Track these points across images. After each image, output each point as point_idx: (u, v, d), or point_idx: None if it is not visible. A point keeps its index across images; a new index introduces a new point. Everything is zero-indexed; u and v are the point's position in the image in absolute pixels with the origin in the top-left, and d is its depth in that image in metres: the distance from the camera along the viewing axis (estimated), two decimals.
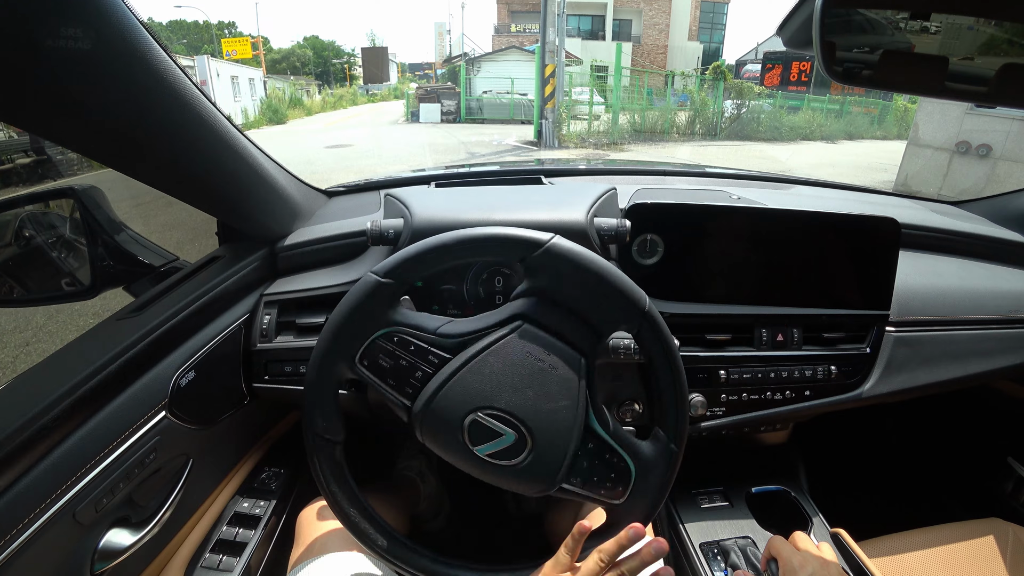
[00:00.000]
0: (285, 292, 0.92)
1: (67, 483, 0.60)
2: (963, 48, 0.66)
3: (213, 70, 18.97)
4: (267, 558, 0.90)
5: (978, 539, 0.97)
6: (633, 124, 13.49)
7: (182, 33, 51.56)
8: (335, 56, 57.74)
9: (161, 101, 0.61)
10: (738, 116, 14.76)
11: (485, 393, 0.59)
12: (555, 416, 0.59)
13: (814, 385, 0.94)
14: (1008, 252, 1.19)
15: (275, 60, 49.94)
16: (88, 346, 0.70)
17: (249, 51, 25.11)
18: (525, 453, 0.59)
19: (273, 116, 22.83)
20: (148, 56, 0.58)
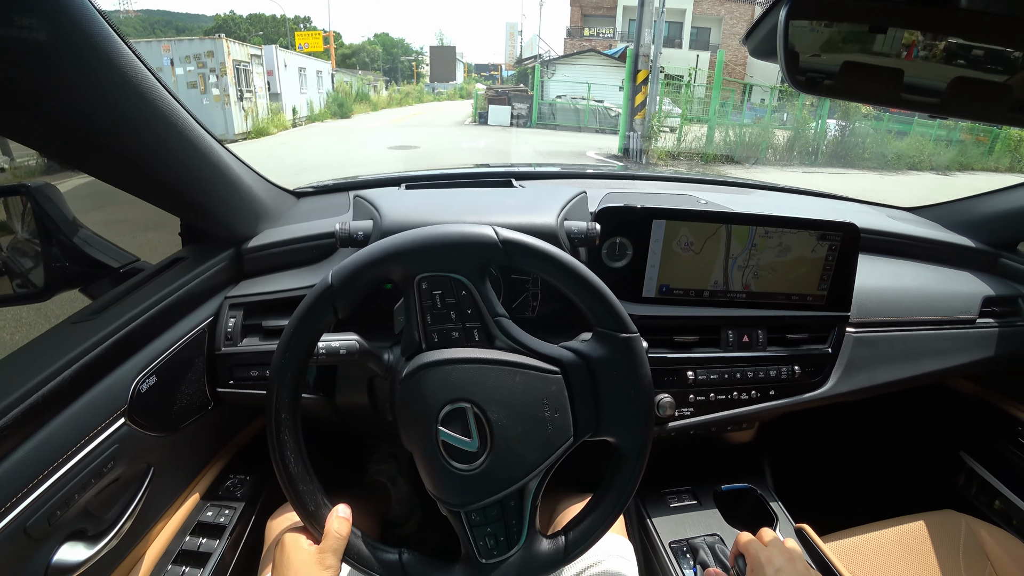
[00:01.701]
0: (251, 294, 0.90)
1: (17, 496, 0.57)
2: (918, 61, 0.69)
3: (281, 61, 18.41)
4: (233, 568, 0.88)
5: (933, 531, 1.01)
6: (728, 142, 11.72)
7: (260, 26, 51.93)
8: (403, 54, 57.48)
9: (121, 96, 0.59)
10: (842, 139, 12.66)
11: (488, 397, 0.58)
12: (516, 460, 0.59)
13: (779, 385, 0.97)
14: (960, 256, 1.24)
15: (345, 55, 49.61)
16: (41, 351, 0.67)
17: (321, 45, 24.83)
18: (468, 465, 0.58)
19: (338, 110, 22.34)
20: (108, 49, 0.56)
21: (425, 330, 0.59)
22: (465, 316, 0.59)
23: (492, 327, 0.59)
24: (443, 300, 0.58)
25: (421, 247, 0.58)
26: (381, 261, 0.58)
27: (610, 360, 0.60)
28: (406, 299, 0.59)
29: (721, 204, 1.02)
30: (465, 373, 0.58)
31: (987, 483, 1.30)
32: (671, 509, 1.04)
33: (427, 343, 0.59)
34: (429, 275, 0.58)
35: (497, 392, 0.58)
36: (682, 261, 0.91)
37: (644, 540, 1.01)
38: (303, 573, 0.57)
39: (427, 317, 0.59)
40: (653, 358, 0.92)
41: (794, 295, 0.95)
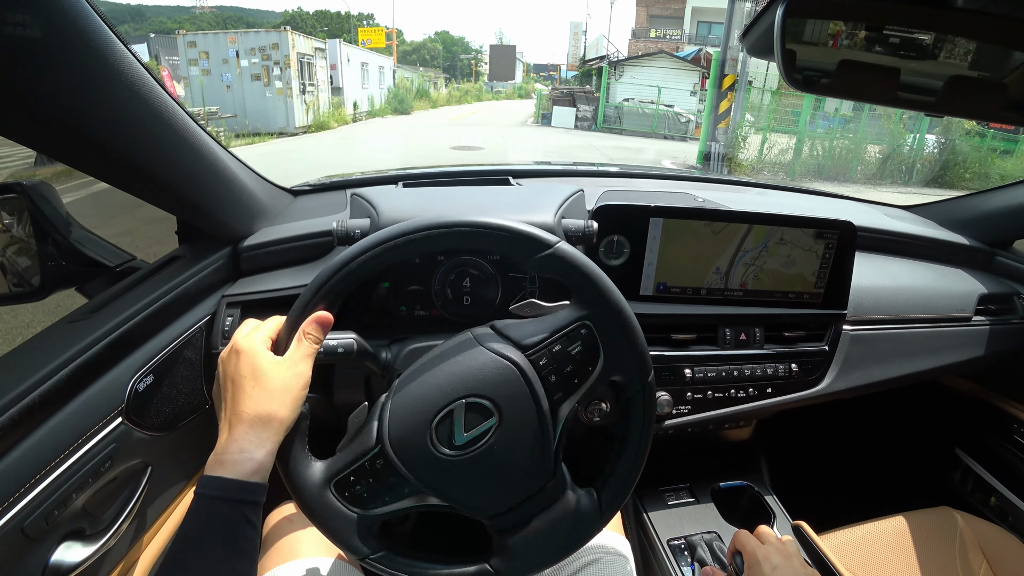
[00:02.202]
0: (248, 293, 0.90)
1: (14, 496, 0.57)
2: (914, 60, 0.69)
3: (344, 55, 18.32)
4: None
5: (929, 527, 1.01)
6: (815, 156, 10.46)
7: (325, 22, 53.05)
8: (463, 52, 57.79)
9: (117, 94, 0.59)
10: (939, 157, 10.95)
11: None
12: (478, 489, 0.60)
13: (776, 382, 0.97)
14: (956, 254, 1.25)
15: (406, 52, 50.23)
16: (38, 350, 0.66)
17: (383, 41, 25.00)
18: (439, 450, 0.58)
19: (399, 106, 22.22)
20: (103, 46, 0.55)
21: (543, 349, 0.60)
22: (568, 380, 0.60)
23: (566, 408, 0.61)
24: (576, 355, 0.60)
25: (631, 334, 0.61)
26: (601, 291, 0.60)
27: (575, 514, 0.61)
28: (559, 316, 0.61)
29: (718, 202, 1.03)
30: (521, 399, 0.58)
31: (983, 480, 1.31)
32: (669, 507, 1.04)
33: (533, 355, 0.60)
34: (597, 338, 0.61)
35: (517, 438, 0.59)
36: (680, 259, 0.92)
37: (642, 538, 1.01)
38: (271, 375, 0.54)
39: (555, 347, 0.60)
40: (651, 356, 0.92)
41: (791, 293, 0.95)
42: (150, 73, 0.64)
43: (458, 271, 0.89)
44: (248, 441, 0.51)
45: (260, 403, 0.52)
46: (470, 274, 0.89)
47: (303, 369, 0.55)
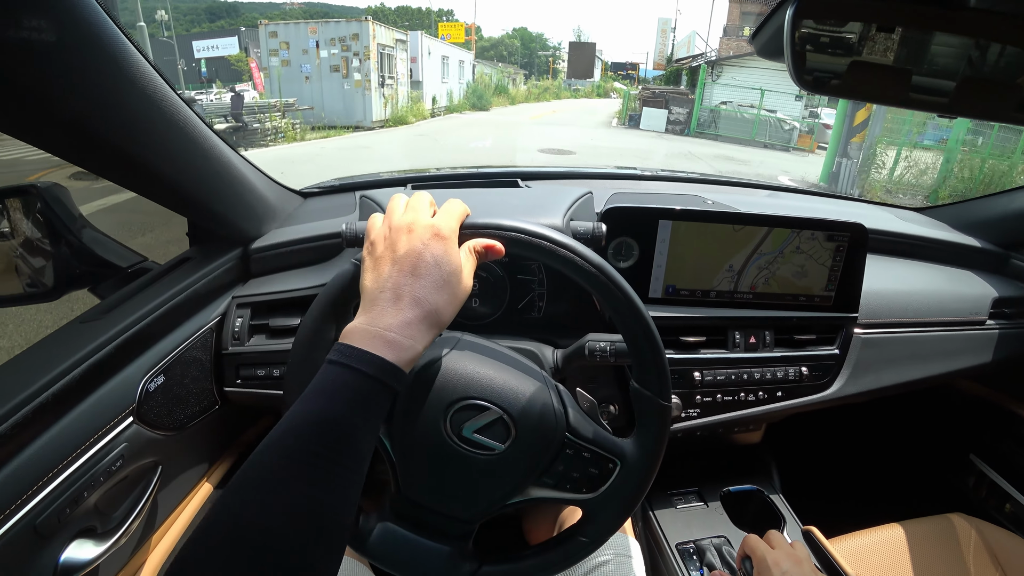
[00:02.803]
0: (258, 294, 0.90)
1: (28, 493, 0.57)
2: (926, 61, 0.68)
3: (425, 47, 18.01)
4: None
5: (942, 534, 1.00)
6: (962, 179, 8.01)
7: (406, 17, 53.91)
8: (541, 49, 57.78)
9: (129, 97, 0.60)
10: None
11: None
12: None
13: (786, 386, 0.97)
14: (969, 256, 1.24)
15: (484, 48, 50.88)
16: (51, 350, 0.67)
17: (463, 36, 25.05)
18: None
19: (477, 102, 21.87)
20: (115, 50, 0.56)
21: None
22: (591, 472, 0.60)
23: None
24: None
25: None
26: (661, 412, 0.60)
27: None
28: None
29: (728, 204, 1.02)
30: (544, 436, 0.58)
31: (997, 486, 1.29)
32: (678, 510, 1.04)
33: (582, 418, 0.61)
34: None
35: (517, 467, 0.58)
36: (689, 262, 0.91)
37: (650, 541, 1.01)
38: (460, 280, 0.50)
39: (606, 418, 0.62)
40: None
41: (801, 296, 0.94)
42: (162, 77, 0.64)
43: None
44: (419, 329, 0.46)
45: (443, 299, 0.48)
46: (479, 276, 0.89)
47: (471, 283, 0.52)
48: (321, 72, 14.52)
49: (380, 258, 0.50)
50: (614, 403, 0.92)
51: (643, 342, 0.58)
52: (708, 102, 16.30)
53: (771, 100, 14.95)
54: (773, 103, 15.13)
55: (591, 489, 0.60)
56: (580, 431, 0.59)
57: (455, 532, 0.60)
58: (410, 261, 0.48)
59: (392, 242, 0.50)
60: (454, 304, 0.49)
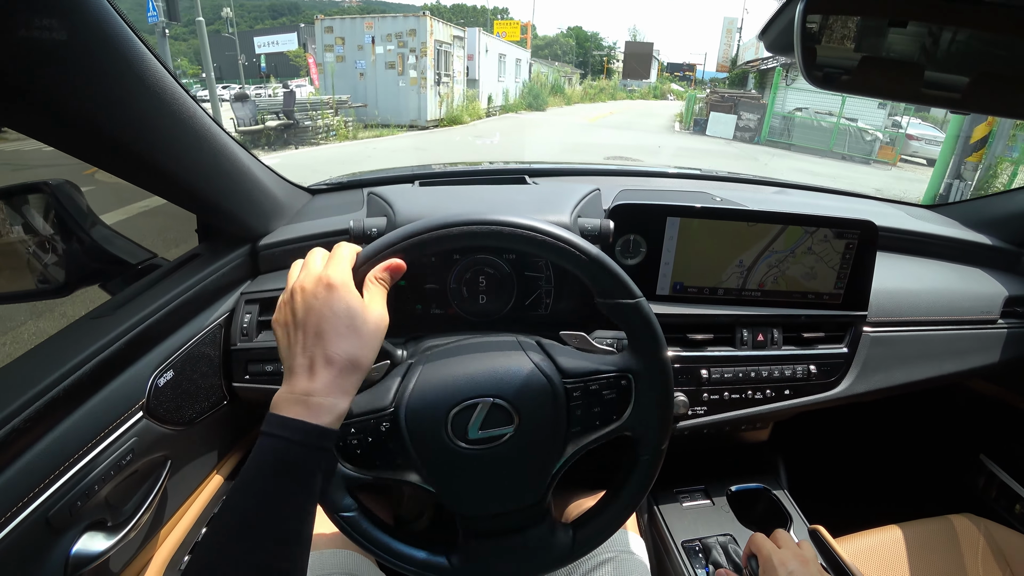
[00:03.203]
0: (266, 290, 0.91)
1: (40, 486, 0.58)
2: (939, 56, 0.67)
3: (483, 45, 17.49)
4: None
5: (951, 534, 0.99)
6: None
7: (461, 15, 54.37)
8: (595, 48, 57.40)
9: (139, 95, 0.60)
10: None
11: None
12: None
13: (793, 384, 0.96)
14: (981, 254, 1.22)
15: (538, 46, 50.71)
16: (62, 345, 0.68)
17: (518, 34, 24.82)
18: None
19: (533, 101, 21.28)
20: (125, 48, 0.56)
21: (584, 385, 0.61)
22: (593, 423, 0.61)
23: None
24: (607, 402, 0.61)
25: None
26: (659, 366, 0.61)
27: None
28: (609, 362, 0.61)
29: (736, 201, 1.01)
30: (541, 413, 0.59)
31: (1007, 487, 1.27)
32: (683, 509, 1.03)
33: (571, 388, 0.60)
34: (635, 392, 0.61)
35: (522, 458, 0.60)
36: (697, 259, 0.91)
37: (656, 539, 1.01)
38: (367, 318, 0.51)
39: (592, 386, 0.61)
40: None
41: (810, 294, 0.94)
42: (171, 74, 0.65)
43: (474, 270, 0.89)
44: (337, 387, 0.48)
45: (352, 347, 0.49)
46: (486, 272, 0.89)
47: (385, 313, 0.53)
48: (376, 69, 14.23)
49: (286, 325, 0.52)
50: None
51: (583, 262, 0.58)
52: (780, 108, 14.91)
53: (852, 107, 13.51)
54: (854, 111, 13.64)
55: (620, 412, 0.61)
56: (576, 370, 0.60)
57: (534, 518, 0.62)
58: (311, 321, 0.49)
59: (292, 306, 0.51)
60: (369, 344, 0.50)
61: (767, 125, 14.44)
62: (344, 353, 0.48)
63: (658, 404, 0.61)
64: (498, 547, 0.62)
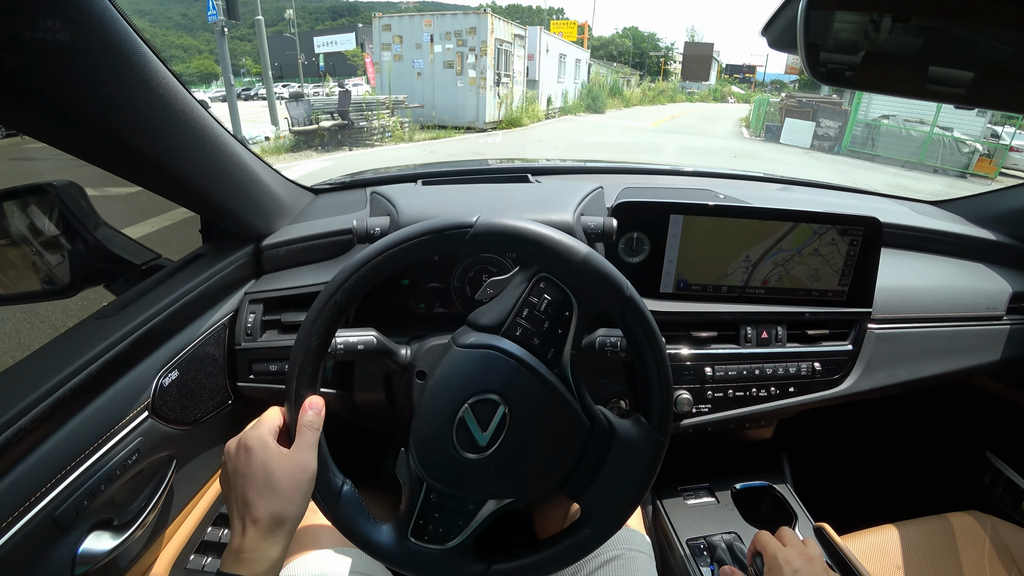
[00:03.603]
0: (270, 290, 0.91)
1: (47, 486, 0.58)
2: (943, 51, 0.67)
3: (543, 44, 16.70)
4: None
5: (958, 532, 0.99)
6: None
7: (516, 15, 53.96)
8: (652, 49, 56.40)
9: (141, 96, 0.60)
10: None
11: (524, 412, 0.58)
12: (506, 478, 0.59)
13: (798, 381, 0.96)
14: (987, 251, 1.21)
15: (593, 47, 50.09)
16: (68, 345, 0.68)
17: (575, 35, 24.31)
18: (463, 454, 0.58)
19: (592, 103, 20.44)
20: (128, 49, 0.57)
21: (513, 319, 0.59)
22: (553, 333, 0.59)
23: (566, 357, 0.59)
24: (546, 308, 0.58)
25: (580, 263, 0.57)
26: (532, 242, 0.58)
27: (632, 446, 0.60)
28: (515, 284, 0.60)
29: (740, 198, 1.01)
30: (517, 375, 0.58)
31: (1013, 484, 1.27)
32: (688, 506, 1.03)
33: (506, 330, 0.59)
34: (556, 282, 0.59)
35: (533, 410, 0.58)
36: (700, 256, 0.91)
37: (661, 537, 1.00)
38: (281, 474, 0.55)
39: (523, 311, 0.59)
40: (671, 354, 0.91)
41: (814, 291, 0.93)
42: (174, 75, 0.65)
43: (476, 268, 0.89)
44: (264, 541, 0.53)
45: (272, 504, 0.53)
46: (489, 271, 0.89)
47: (307, 460, 0.57)
48: (434, 68, 13.75)
49: (224, 490, 0.58)
50: (624, 398, 0.92)
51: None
52: (864, 115, 13.56)
53: (947, 116, 12.12)
54: (948, 119, 12.26)
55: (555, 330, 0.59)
56: (503, 314, 0.59)
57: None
58: (237, 484, 0.55)
59: (224, 472, 0.58)
60: (290, 498, 0.54)
61: (849, 133, 13.02)
62: (266, 511, 0.53)
63: (585, 270, 0.59)
64: (607, 484, 0.61)
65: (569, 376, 0.60)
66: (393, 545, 0.61)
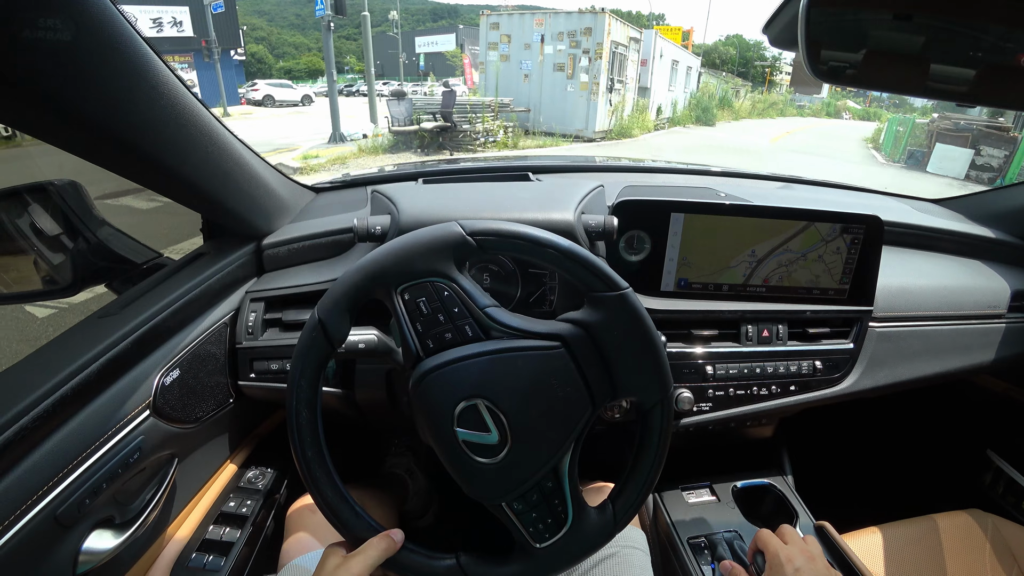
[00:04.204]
0: (271, 288, 0.91)
1: (48, 484, 0.59)
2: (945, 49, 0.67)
3: (658, 49, 15.45)
4: (254, 557, 0.89)
5: (959, 530, 0.99)
6: None
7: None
8: (758, 59, 55.50)
9: (143, 95, 0.60)
10: None
11: (496, 388, 0.58)
12: (539, 442, 0.59)
13: (799, 380, 0.96)
14: (986, 249, 1.21)
15: (695, 54, 50.64)
16: (70, 344, 0.68)
17: (679, 40, 23.05)
18: (494, 459, 0.58)
19: (701, 115, 19.16)
20: (129, 48, 0.57)
21: (419, 338, 0.59)
22: (453, 315, 0.59)
23: (483, 319, 0.59)
24: (428, 305, 0.58)
25: (391, 260, 0.58)
26: (359, 285, 0.58)
27: (608, 321, 0.59)
28: (393, 313, 0.59)
29: (741, 196, 1.01)
30: (467, 370, 0.58)
31: (1015, 482, 1.27)
32: (689, 505, 1.03)
33: (424, 351, 0.59)
34: (408, 285, 0.58)
35: (504, 381, 0.58)
36: (701, 255, 0.90)
37: (662, 535, 1.01)
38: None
39: (417, 326, 0.59)
40: (672, 353, 0.91)
41: (815, 289, 0.93)
42: (175, 74, 0.65)
43: (478, 267, 0.89)
44: None
45: None
46: (490, 270, 0.89)
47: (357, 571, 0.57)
48: (543, 70, 12.57)
49: None
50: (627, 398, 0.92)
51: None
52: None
53: None
54: None
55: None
56: (413, 346, 0.59)
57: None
58: None
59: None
60: None
61: (1017, 165, 10.25)
62: None
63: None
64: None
65: (508, 324, 0.59)
66: (534, 564, 0.61)
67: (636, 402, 0.62)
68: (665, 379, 0.60)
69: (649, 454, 0.62)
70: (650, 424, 0.61)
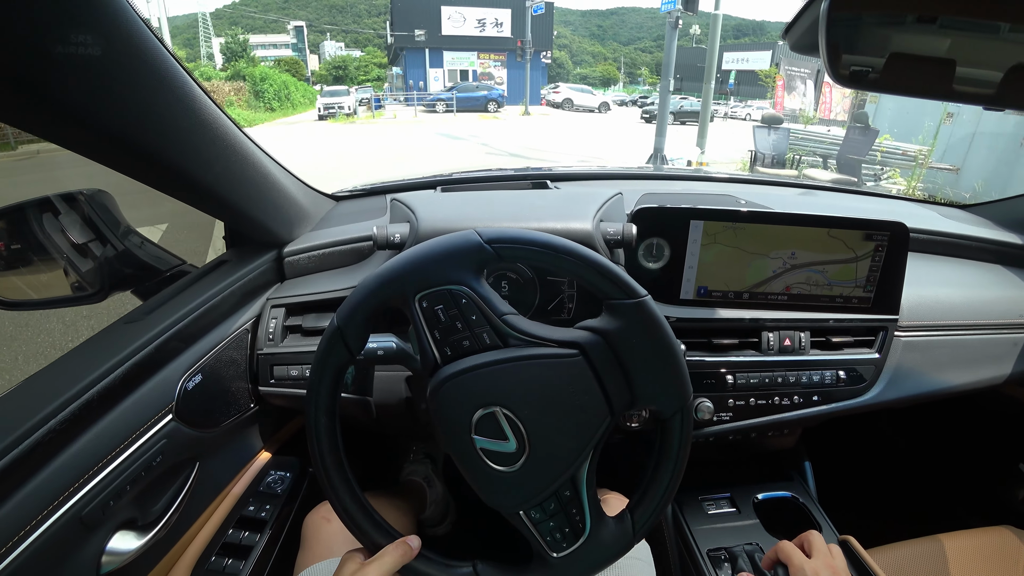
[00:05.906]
0: (292, 296, 0.92)
1: (74, 486, 0.60)
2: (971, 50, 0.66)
3: None
4: (272, 561, 0.90)
5: (989, 548, 0.95)
6: None
7: None
8: None
9: (168, 106, 0.62)
10: None
11: (514, 396, 0.58)
12: (557, 451, 0.58)
13: (822, 390, 0.94)
14: (1017, 256, 1.18)
15: None
16: (96, 349, 0.70)
17: None
18: (511, 467, 0.58)
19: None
20: (155, 61, 0.58)
21: (437, 346, 0.59)
22: (471, 323, 0.58)
23: (501, 326, 0.59)
24: (446, 313, 0.58)
25: (409, 268, 0.58)
26: (377, 292, 0.59)
27: (625, 328, 0.58)
28: (412, 321, 0.59)
29: (762, 204, 1.00)
30: (485, 378, 0.57)
31: None
32: (709, 516, 1.02)
33: (442, 358, 0.59)
34: (426, 292, 0.58)
35: (521, 389, 0.57)
36: (721, 262, 0.89)
37: (680, 547, 0.99)
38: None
39: (435, 333, 0.59)
40: (691, 362, 0.90)
41: (838, 297, 0.91)
42: (198, 84, 0.66)
43: (496, 275, 0.89)
44: None
45: None
46: (508, 277, 0.89)
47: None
48: (979, 111, 6.00)
49: None
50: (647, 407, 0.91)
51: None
52: None
53: None
54: None
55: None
56: (431, 353, 0.59)
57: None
58: None
59: None
60: None
61: None
62: None
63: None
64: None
65: (525, 331, 0.59)
66: (551, 574, 0.61)
67: (655, 411, 0.61)
68: (685, 388, 0.59)
69: (668, 464, 0.61)
70: (669, 434, 0.61)
